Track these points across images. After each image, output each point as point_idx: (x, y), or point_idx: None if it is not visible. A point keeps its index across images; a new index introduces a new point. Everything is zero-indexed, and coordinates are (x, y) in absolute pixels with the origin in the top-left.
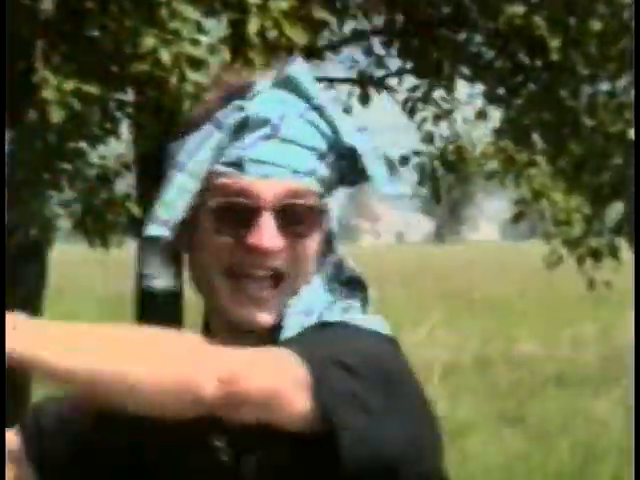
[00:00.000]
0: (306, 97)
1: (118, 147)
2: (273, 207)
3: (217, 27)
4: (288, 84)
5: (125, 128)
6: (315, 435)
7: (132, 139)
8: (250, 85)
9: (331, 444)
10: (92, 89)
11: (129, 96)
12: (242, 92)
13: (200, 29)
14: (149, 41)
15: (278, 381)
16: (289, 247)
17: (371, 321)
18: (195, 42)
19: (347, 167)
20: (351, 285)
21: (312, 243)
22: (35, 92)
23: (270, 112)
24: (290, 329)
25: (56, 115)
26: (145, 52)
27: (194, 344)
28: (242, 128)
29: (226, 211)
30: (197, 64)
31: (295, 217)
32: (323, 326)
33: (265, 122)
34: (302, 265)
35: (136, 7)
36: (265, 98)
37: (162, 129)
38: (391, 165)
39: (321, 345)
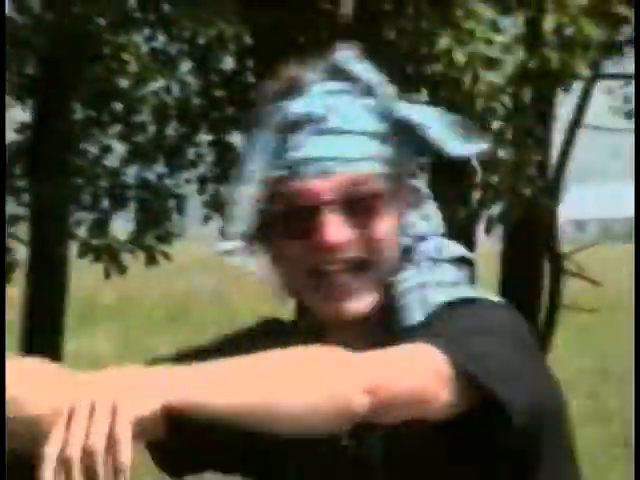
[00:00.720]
0: (357, 81)
1: None
2: (333, 201)
3: (512, 26)
4: (336, 72)
5: None
6: (466, 415)
7: None
8: (298, 80)
9: (488, 419)
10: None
11: (423, 97)
12: (291, 89)
13: (495, 28)
14: (444, 41)
15: (423, 378)
16: (360, 235)
17: (484, 293)
18: (490, 41)
19: (414, 141)
20: (456, 263)
21: (383, 226)
22: None
23: (315, 106)
24: (410, 313)
25: None
26: (440, 52)
27: (332, 358)
28: (288, 128)
29: (290, 215)
30: (491, 63)
31: (358, 205)
32: (445, 307)
33: (310, 118)
34: (380, 250)
35: (432, 8)
36: (313, 92)
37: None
38: (467, 126)
39: (452, 326)
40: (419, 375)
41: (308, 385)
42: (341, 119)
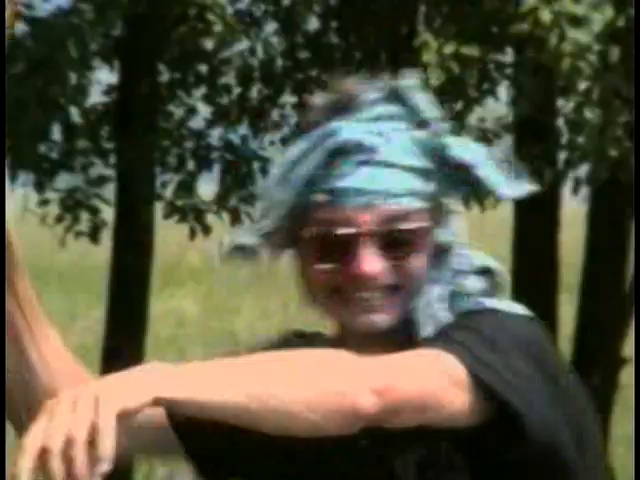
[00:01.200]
0: (414, 111)
1: (497, 109)
2: (373, 233)
3: None
4: (396, 96)
5: (503, 89)
6: (481, 425)
7: (511, 100)
8: (355, 97)
9: (502, 430)
10: (472, 51)
11: (508, 57)
12: (346, 105)
13: None
14: (530, 0)
15: (436, 383)
16: (393, 267)
17: (508, 304)
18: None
19: (460, 180)
20: (480, 273)
21: (418, 261)
22: (416, 55)
23: (369, 134)
24: (426, 325)
25: (435, 77)
26: (526, 11)
27: (340, 359)
28: (337, 154)
29: (325, 240)
30: (578, 22)
31: (397, 240)
32: (463, 316)
33: (361, 147)
34: (410, 279)
35: None
36: (367, 116)
37: (541, 89)
38: (511, 168)
39: (470, 335)
40: (432, 380)
41: (309, 381)
42: (390, 151)
